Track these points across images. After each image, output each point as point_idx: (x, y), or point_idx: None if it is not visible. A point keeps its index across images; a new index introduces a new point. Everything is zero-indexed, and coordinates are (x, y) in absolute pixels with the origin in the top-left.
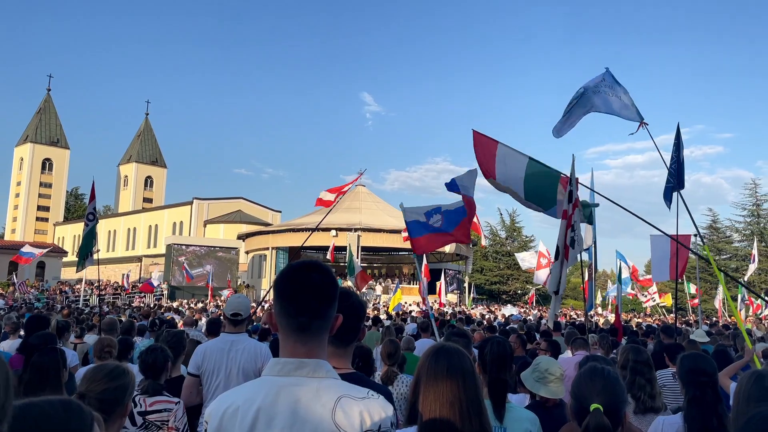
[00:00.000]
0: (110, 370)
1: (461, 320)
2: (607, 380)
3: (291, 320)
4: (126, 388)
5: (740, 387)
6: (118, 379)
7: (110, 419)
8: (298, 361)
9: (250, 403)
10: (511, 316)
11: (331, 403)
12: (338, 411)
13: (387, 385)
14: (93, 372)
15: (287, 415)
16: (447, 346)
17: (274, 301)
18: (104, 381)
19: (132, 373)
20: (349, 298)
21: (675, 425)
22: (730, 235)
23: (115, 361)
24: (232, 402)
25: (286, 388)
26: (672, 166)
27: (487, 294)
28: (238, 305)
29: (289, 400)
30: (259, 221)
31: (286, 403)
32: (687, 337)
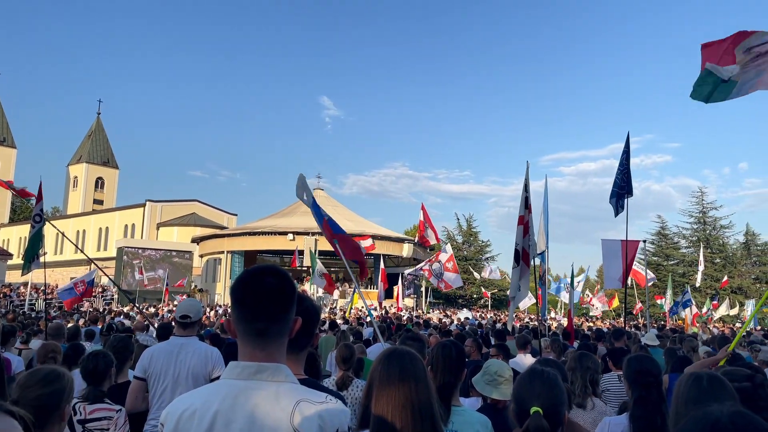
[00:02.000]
0: (44, 375)
1: (418, 324)
2: (546, 382)
3: (249, 326)
4: (62, 392)
5: (678, 388)
6: (52, 384)
7: (47, 426)
8: (257, 365)
9: (207, 406)
10: (467, 319)
11: (290, 406)
12: (297, 414)
13: (342, 389)
14: (26, 378)
15: (245, 419)
16: (399, 350)
17: (232, 307)
18: (38, 386)
19: (69, 376)
20: (303, 302)
21: (621, 425)
22: (678, 241)
23: (51, 365)
24: (189, 405)
25: (244, 392)
26: (621, 173)
27: (443, 298)
28: (187, 308)
29: (248, 404)
30: (215, 224)
31: (244, 407)
32: (636, 341)
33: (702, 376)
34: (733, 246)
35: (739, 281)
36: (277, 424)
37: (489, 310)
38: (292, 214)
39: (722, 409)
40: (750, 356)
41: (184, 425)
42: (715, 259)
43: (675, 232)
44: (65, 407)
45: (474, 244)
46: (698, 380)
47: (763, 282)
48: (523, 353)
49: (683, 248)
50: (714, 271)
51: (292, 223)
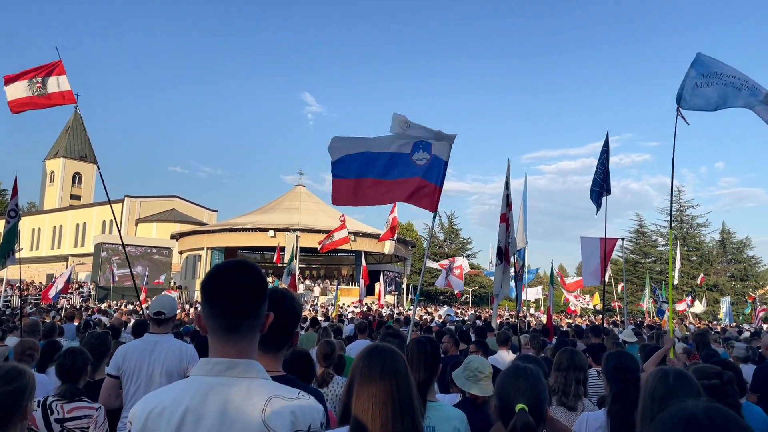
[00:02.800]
0: (4, 373)
1: (399, 321)
2: (531, 379)
3: (220, 321)
4: (23, 390)
5: (646, 385)
6: (13, 382)
7: (9, 424)
8: (228, 361)
9: (177, 403)
10: (447, 316)
11: (262, 403)
12: (268, 411)
13: (322, 386)
14: None
15: (216, 416)
16: (380, 347)
17: (202, 303)
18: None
19: (30, 373)
20: (284, 301)
21: (599, 420)
22: (656, 239)
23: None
24: (158, 402)
25: (215, 388)
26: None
27: (425, 295)
28: (161, 304)
29: (219, 400)
30: (194, 221)
31: (215, 404)
32: (615, 337)
33: (669, 372)
34: (709, 244)
35: (714, 279)
36: (248, 421)
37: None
38: (274, 210)
39: (697, 404)
40: (726, 352)
41: (153, 423)
42: (691, 256)
43: (653, 230)
44: (27, 405)
45: (455, 241)
46: (665, 376)
47: (738, 279)
48: (504, 350)
49: (661, 246)
50: (690, 269)
51: (273, 219)
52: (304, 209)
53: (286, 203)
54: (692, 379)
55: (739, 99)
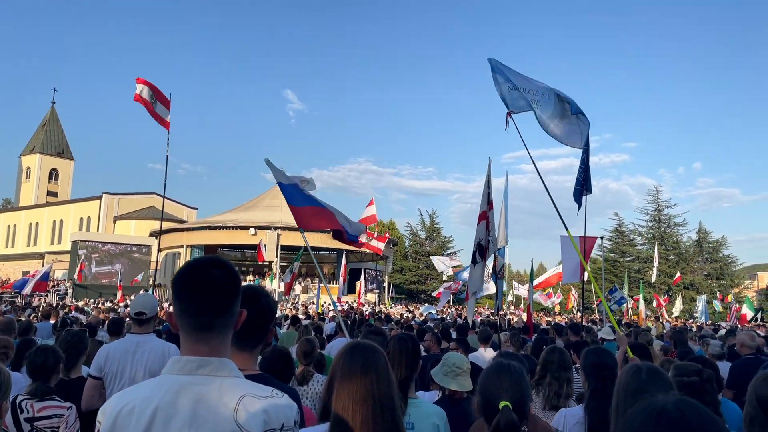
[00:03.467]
0: None
1: (380, 319)
2: (514, 377)
3: (192, 320)
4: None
5: (619, 380)
6: None
7: None
8: (200, 359)
9: (147, 402)
10: (428, 314)
11: (234, 401)
12: (240, 410)
13: (302, 384)
14: None
15: (187, 414)
16: (362, 343)
17: (174, 300)
18: None
19: (6, 372)
20: (259, 299)
21: (576, 416)
22: (634, 238)
23: None
24: (128, 401)
25: (186, 387)
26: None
27: (406, 293)
28: (142, 304)
29: (190, 399)
30: (174, 218)
31: (186, 402)
32: (593, 335)
33: (641, 368)
34: (686, 243)
35: (691, 277)
36: (219, 420)
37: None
38: (254, 208)
39: (668, 398)
40: (701, 350)
41: (123, 421)
42: (669, 255)
43: (631, 229)
44: (2, 403)
45: (437, 239)
46: (638, 372)
47: (714, 278)
48: (485, 347)
49: (639, 245)
50: (668, 268)
51: (254, 217)
52: (285, 207)
53: (267, 201)
54: (664, 374)
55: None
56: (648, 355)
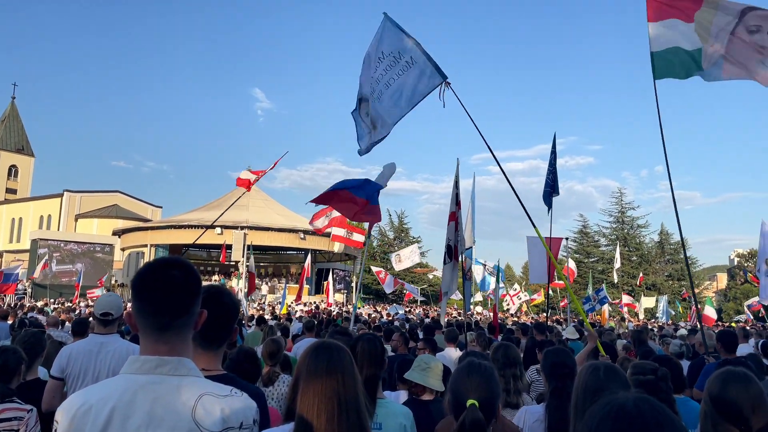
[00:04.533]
0: None
1: (347, 320)
2: (483, 376)
3: (151, 320)
4: None
5: (579, 379)
6: None
7: None
8: (158, 359)
9: (104, 401)
10: (396, 314)
11: (192, 400)
12: (199, 408)
13: (268, 385)
14: None
15: (144, 414)
16: (327, 343)
17: (133, 300)
18: None
19: None
20: (222, 297)
21: (537, 414)
22: (598, 239)
23: None
24: (85, 401)
25: (144, 387)
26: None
27: (374, 294)
28: (108, 304)
29: (148, 398)
30: (138, 217)
31: (143, 402)
32: (558, 335)
33: (600, 367)
34: (649, 245)
35: (653, 278)
36: (177, 419)
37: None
38: (221, 207)
39: (627, 395)
40: (662, 349)
41: (80, 421)
42: (632, 256)
43: (596, 230)
44: None
45: (405, 240)
46: (596, 371)
47: (675, 279)
48: (451, 347)
49: (603, 246)
50: (630, 269)
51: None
52: (252, 206)
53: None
54: (621, 372)
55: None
56: (615, 354)
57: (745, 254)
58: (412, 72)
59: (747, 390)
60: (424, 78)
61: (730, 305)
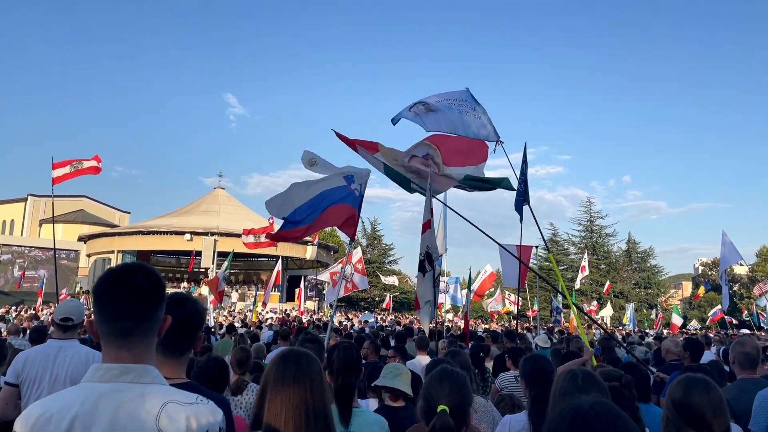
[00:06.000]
0: None
1: (318, 327)
2: (455, 382)
3: (114, 326)
4: None
5: (556, 385)
6: None
7: None
8: (122, 366)
9: (65, 410)
10: (367, 322)
11: (156, 408)
12: (163, 417)
13: (236, 394)
14: None
15: (107, 423)
16: (295, 351)
17: (94, 308)
18: None
19: None
20: (186, 304)
21: (521, 422)
22: (567, 247)
23: None
24: (45, 410)
25: (107, 395)
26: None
27: (345, 301)
28: (69, 309)
29: (110, 407)
30: (105, 222)
31: (106, 410)
32: (527, 342)
33: (578, 373)
34: (616, 253)
35: (620, 286)
36: (141, 427)
37: (390, 312)
38: (191, 213)
39: (586, 399)
40: (628, 356)
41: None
42: (600, 265)
43: (565, 239)
44: None
45: (378, 247)
46: (574, 377)
47: (642, 287)
48: (422, 354)
49: (572, 254)
50: (599, 276)
51: (190, 222)
52: (223, 212)
53: (204, 206)
54: (598, 378)
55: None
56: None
57: (709, 263)
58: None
59: (708, 395)
60: (483, 130)
61: (695, 313)
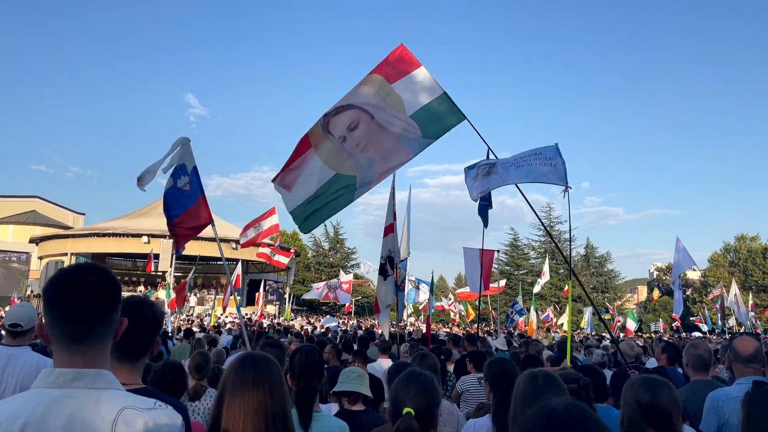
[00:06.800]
0: None
1: (279, 331)
2: (422, 384)
3: (66, 329)
4: None
5: (517, 387)
6: None
7: None
8: (75, 371)
9: (14, 418)
10: (328, 328)
11: (112, 414)
12: (120, 423)
13: (194, 399)
14: None
15: (59, 430)
16: (254, 355)
17: (45, 310)
18: None
19: None
20: (142, 308)
21: (485, 426)
22: (528, 252)
23: None
24: None
25: (59, 401)
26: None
27: (307, 305)
28: (18, 315)
29: (63, 414)
30: (58, 224)
31: (58, 417)
32: (488, 345)
33: (538, 375)
34: (575, 258)
35: (579, 290)
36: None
37: (352, 316)
38: (148, 215)
39: (560, 401)
40: (586, 359)
41: None
42: (559, 269)
43: (525, 243)
44: None
45: (340, 251)
46: (535, 379)
47: (599, 291)
48: (384, 358)
49: (532, 259)
50: (558, 281)
51: (148, 224)
52: None
53: (161, 208)
54: (559, 380)
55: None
56: (540, 364)
57: (663, 268)
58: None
59: (674, 396)
60: (551, 176)
61: (650, 317)
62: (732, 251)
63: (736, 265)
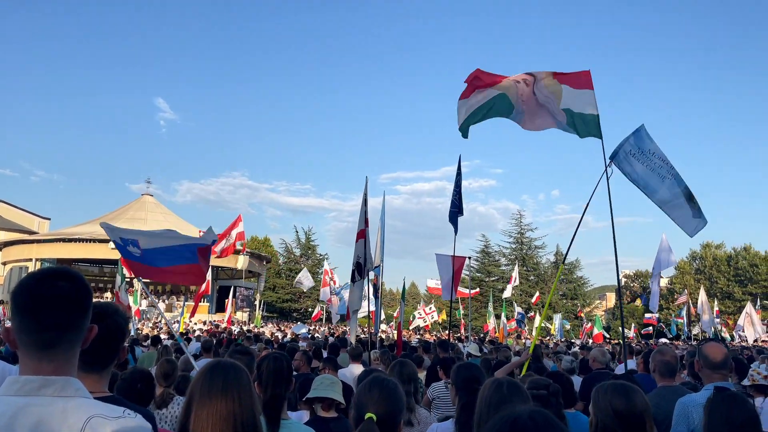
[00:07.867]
0: None
1: (249, 338)
2: (384, 390)
3: (35, 336)
4: None
5: (482, 393)
6: None
7: None
8: (42, 379)
9: None
10: (300, 333)
11: (80, 423)
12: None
13: (162, 407)
14: None
15: None
16: (223, 362)
17: (13, 316)
18: None
19: None
20: (108, 315)
21: (448, 430)
22: (499, 259)
23: None
24: None
25: (25, 409)
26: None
27: (278, 312)
28: None
29: (29, 423)
30: (23, 228)
31: (24, 426)
32: (458, 352)
33: (503, 383)
34: (545, 265)
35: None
36: None
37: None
38: (116, 220)
39: (524, 408)
40: (555, 365)
41: None
42: (529, 276)
43: (496, 250)
44: None
45: (312, 257)
46: (500, 386)
47: (569, 298)
48: (356, 364)
49: (503, 265)
50: (528, 287)
51: None
52: (151, 220)
53: (130, 213)
54: (522, 387)
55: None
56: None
57: (632, 275)
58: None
59: (647, 401)
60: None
61: (618, 323)
62: (698, 258)
63: (702, 273)
